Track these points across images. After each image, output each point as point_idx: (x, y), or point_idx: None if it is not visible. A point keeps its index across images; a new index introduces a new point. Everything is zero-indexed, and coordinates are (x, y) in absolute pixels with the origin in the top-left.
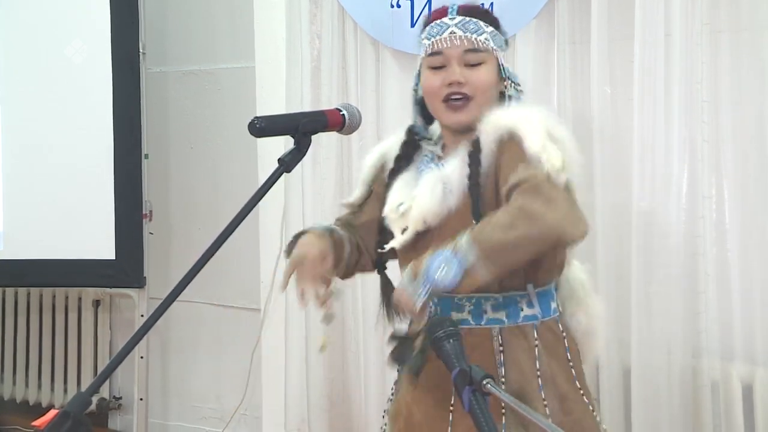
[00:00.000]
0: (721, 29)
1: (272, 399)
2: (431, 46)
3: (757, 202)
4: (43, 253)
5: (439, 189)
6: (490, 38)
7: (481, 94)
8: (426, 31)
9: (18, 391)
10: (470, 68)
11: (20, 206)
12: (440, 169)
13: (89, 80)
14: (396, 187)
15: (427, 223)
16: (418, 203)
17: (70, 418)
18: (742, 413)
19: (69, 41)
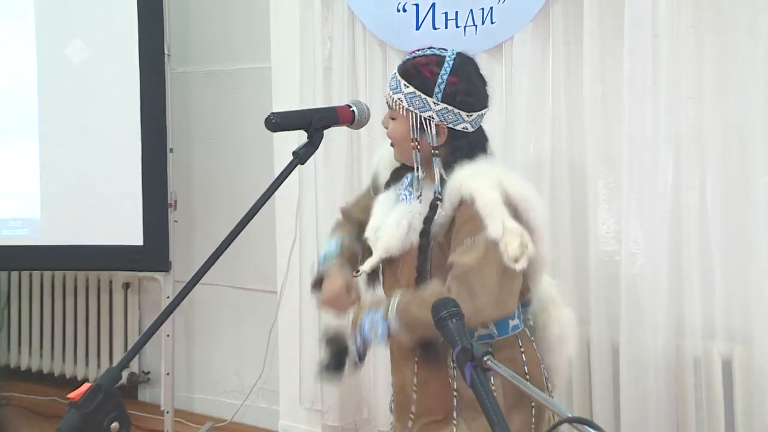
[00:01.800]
0: (704, 31)
1: (288, 374)
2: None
3: (737, 192)
4: (77, 239)
5: (404, 224)
6: (404, 99)
7: (397, 143)
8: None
9: (55, 365)
10: (392, 119)
11: (56, 197)
12: (410, 205)
13: (119, 80)
14: (377, 206)
15: (389, 253)
16: (384, 234)
17: (102, 391)
18: (722, 387)
19: (100, 43)
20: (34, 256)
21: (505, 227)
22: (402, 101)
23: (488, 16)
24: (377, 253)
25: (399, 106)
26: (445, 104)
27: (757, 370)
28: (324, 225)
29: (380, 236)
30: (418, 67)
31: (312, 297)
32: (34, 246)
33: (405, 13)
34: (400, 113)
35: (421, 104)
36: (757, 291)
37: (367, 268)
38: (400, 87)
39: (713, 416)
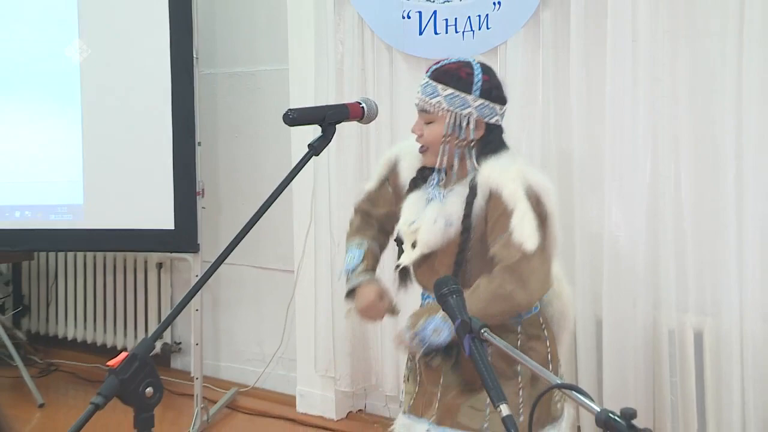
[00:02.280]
0: (679, 36)
1: (304, 345)
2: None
3: (708, 182)
4: (115, 223)
5: (441, 223)
6: (444, 100)
7: (433, 145)
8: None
9: (97, 335)
10: (426, 124)
11: (97, 185)
12: (442, 204)
13: (153, 80)
14: (409, 203)
15: (430, 249)
16: (423, 232)
17: (138, 359)
18: (693, 356)
19: (135, 47)
20: (78, 239)
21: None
22: (442, 103)
23: (484, 22)
24: (419, 248)
25: (439, 108)
26: (483, 99)
27: (725, 340)
28: (336, 211)
29: (419, 232)
30: (452, 71)
31: (346, 305)
32: (78, 230)
33: (409, 20)
34: (439, 115)
35: (461, 102)
36: (725, 269)
37: (407, 262)
38: (437, 91)
39: (685, 381)
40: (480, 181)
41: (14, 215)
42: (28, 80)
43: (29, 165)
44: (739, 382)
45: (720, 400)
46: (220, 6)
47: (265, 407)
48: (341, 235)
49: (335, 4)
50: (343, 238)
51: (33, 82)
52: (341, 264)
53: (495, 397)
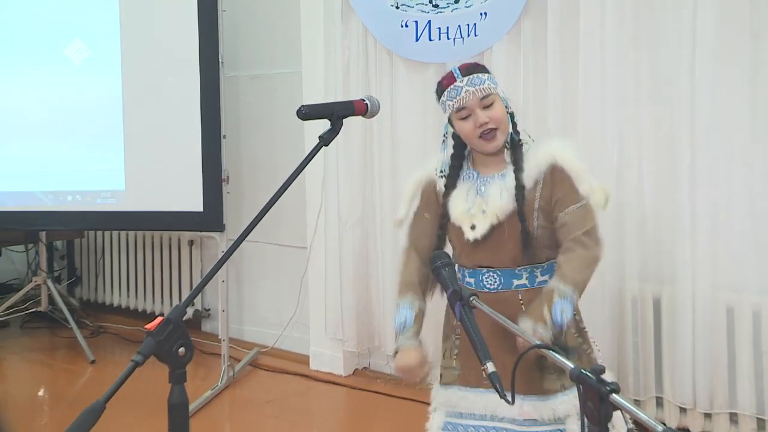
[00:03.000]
0: (641, 45)
1: (316, 311)
2: (456, 104)
3: (666, 171)
4: (152, 206)
5: (505, 194)
6: (490, 82)
7: (502, 124)
8: (446, 95)
9: (138, 302)
10: (487, 109)
11: (137, 173)
12: (502, 180)
13: (184, 82)
14: (455, 201)
15: (500, 218)
16: (492, 204)
17: (172, 323)
18: (652, 320)
19: (168, 53)
20: (120, 220)
21: (592, 185)
22: (491, 85)
23: (472, 30)
24: (486, 221)
25: (491, 89)
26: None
27: (679, 305)
28: (343, 195)
29: (486, 209)
30: (475, 64)
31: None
32: (120, 212)
33: (407, 28)
34: (495, 94)
35: (496, 84)
36: (681, 243)
37: (478, 235)
38: (482, 78)
39: (645, 342)
40: (537, 154)
41: (67, 199)
42: (82, 85)
43: (80, 156)
44: (690, 341)
45: (674, 357)
46: (242, 17)
47: (283, 365)
48: (347, 215)
49: (342, 15)
50: (348, 219)
51: (84, 87)
52: (348, 241)
53: (482, 356)
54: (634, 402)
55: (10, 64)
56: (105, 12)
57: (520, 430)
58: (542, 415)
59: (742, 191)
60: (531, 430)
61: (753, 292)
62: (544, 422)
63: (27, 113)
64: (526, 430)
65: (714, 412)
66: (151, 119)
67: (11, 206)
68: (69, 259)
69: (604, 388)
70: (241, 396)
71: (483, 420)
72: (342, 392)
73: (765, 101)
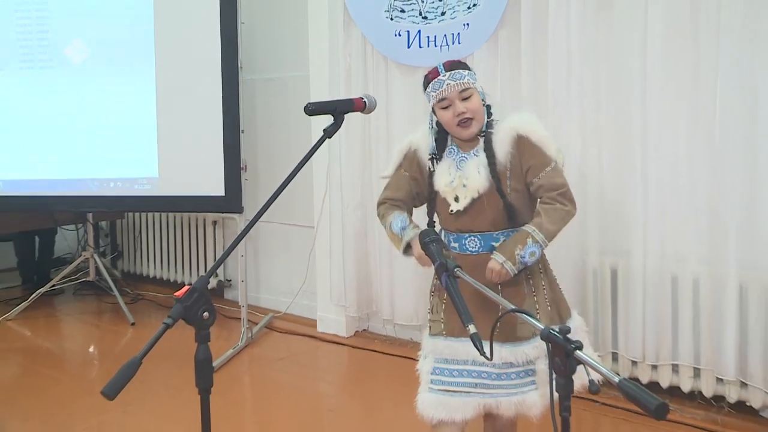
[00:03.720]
0: (602, 53)
1: (322, 281)
2: (438, 95)
3: (621, 159)
4: (182, 191)
5: (483, 170)
6: (469, 77)
7: (477, 114)
8: (430, 87)
9: (170, 273)
10: (465, 100)
11: (168, 163)
12: (477, 157)
13: (208, 84)
14: (440, 172)
15: (480, 192)
16: (471, 180)
17: (197, 291)
18: (610, 288)
19: (197, 61)
20: (155, 203)
21: (554, 148)
22: (470, 80)
23: (456, 38)
24: (468, 195)
25: (470, 83)
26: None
27: (632, 275)
28: (345, 181)
29: (466, 183)
30: (457, 61)
31: (405, 257)
32: (154, 196)
33: (400, 37)
34: (473, 88)
35: (474, 78)
36: (634, 222)
37: (461, 207)
38: (462, 74)
39: (604, 306)
40: (502, 130)
41: (110, 185)
42: (122, 88)
43: (120, 148)
44: (641, 305)
45: (627, 319)
46: (258, 29)
47: (293, 327)
48: (349, 199)
49: (344, 26)
50: (350, 202)
51: (124, 90)
52: (349, 222)
53: (465, 319)
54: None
55: (64, 73)
56: (142, 25)
57: (498, 371)
58: (517, 358)
59: (685, 176)
60: (507, 371)
61: (693, 262)
62: (518, 364)
63: (77, 114)
64: (503, 372)
65: (659, 364)
66: (180, 117)
67: (64, 192)
68: (112, 236)
69: (569, 345)
70: (258, 354)
71: (466, 364)
72: (344, 351)
73: (704, 99)
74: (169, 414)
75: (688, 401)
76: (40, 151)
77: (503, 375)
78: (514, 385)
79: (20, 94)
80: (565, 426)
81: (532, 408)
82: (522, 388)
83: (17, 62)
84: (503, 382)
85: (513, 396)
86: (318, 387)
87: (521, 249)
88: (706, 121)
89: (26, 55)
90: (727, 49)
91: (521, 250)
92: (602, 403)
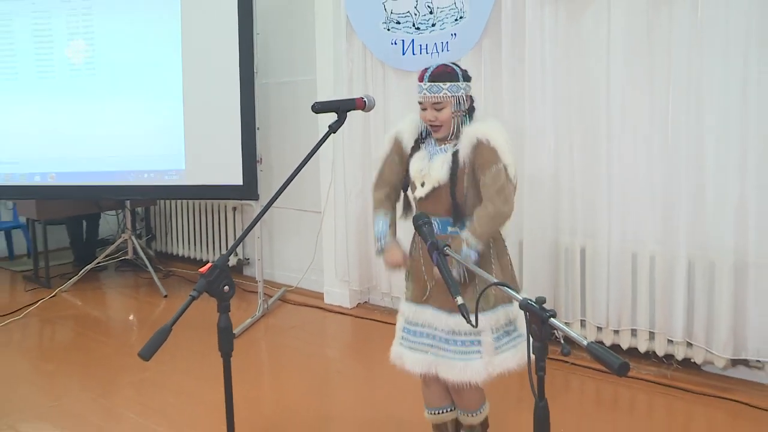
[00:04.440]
0: (572, 57)
1: (328, 259)
2: (418, 98)
3: (588, 150)
4: (206, 181)
5: (446, 165)
6: (447, 91)
7: (445, 123)
8: (417, 87)
9: (196, 253)
10: (438, 111)
11: (194, 157)
12: (445, 153)
13: (228, 88)
14: (415, 160)
15: (440, 184)
16: (434, 172)
17: (218, 267)
18: (579, 264)
19: (217, 66)
20: (182, 192)
21: (502, 151)
22: (447, 94)
23: (445, 47)
24: (429, 184)
25: (445, 98)
26: (464, 81)
27: (598, 253)
28: (348, 172)
29: (431, 174)
30: (442, 71)
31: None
32: (182, 185)
33: (396, 45)
34: (446, 101)
35: (456, 88)
36: (600, 207)
37: (423, 194)
38: (441, 88)
39: (574, 280)
40: (467, 135)
41: (144, 176)
42: (156, 91)
43: (154, 144)
44: (606, 279)
45: (594, 291)
46: (272, 39)
47: (304, 300)
48: (351, 187)
49: (347, 36)
50: (352, 190)
51: (157, 93)
52: (352, 208)
53: (453, 292)
54: (566, 323)
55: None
56: (171, 40)
57: (446, 337)
58: (462, 328)
59: (643, 169)
60: (454, 338)
61: (650, 242)
62: (465, 333)
63: (117, 116)
64: (452, 338)
65: (620, 329)
66: (204, 116)
67: (106, 182)
68: (146, 220)
69: (544, 314)
70: (272, 323)
71: (425, 327)
72: (348, 320)
73: (659, 102)
74: (197, 373)
75: (644, 360)
76: (86, 148)
77: (450, 341)
78: (461, 351)
79: (70, 98)
80: (540, 383)
81: (475, 375)
82: (468, 356)
83: (67, 71)
84: (450, 347)
85: (458, 361)
86: (325, 351)
87: (458, 252)
88: (660, 121)
89: (74, 62)
90: (677, 59)
91: (467, 249)
92: (572, 363)
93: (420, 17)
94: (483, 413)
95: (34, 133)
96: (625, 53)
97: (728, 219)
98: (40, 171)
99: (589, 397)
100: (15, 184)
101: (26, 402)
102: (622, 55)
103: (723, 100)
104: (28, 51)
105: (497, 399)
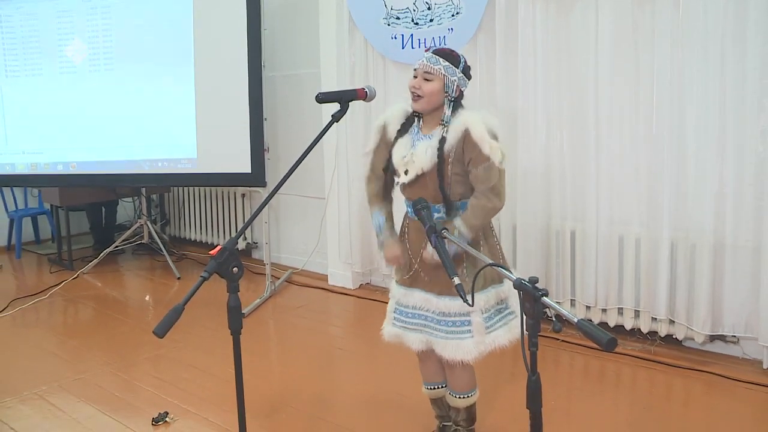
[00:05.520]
0: (562, 51)
1: (332, 243)
2: (414, 65)
3: (578, 138)
4: (216, 169)
5: (430, 152)
6: (443, 68)
7: (427, 96)
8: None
9: (208, 237)
10: (425, 81)
11: (205, 146)
12: (429, 140)
13: (237, 80)
14: (398, 146)
15: (423, 170)
16: (418, 159)
17: (227, 250)
18: (569, 246)
19: (226, 60)
20: (195, 179)
21: (492, 146)
22: (441, 70)
23: (442, 41)
24: (413, 171)
25: (439, 72)
26: (462, 74)
27: (587, 236)
28: (351, 159)
29: (414, 160)
30: (448, 51)
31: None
32: (194, 173)
33: (395, 40)
34: (438, 76)
35: (452, 72)
36: (588, 192)
37: (406, 180)
38: (439, 62)
39: (564, 261)
40: (456, 123)
41: (158, 165)
42: (170, 85)
43: (167, 134)
44: (594, 260)
45: (583, 272)
46: (278, 33)
47: (309, 281)
48: (354, 174)
49: (349, 31)
50: (353, 178)
51: (171, 86)
52: (354, 194)
53: (450, 273)
54: (557, 302)
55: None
56: (183, 35)
57: (437, 318)
58: (451, 310)
59: (629, 156)
60: (444, 319)
61: (635, 225)
62: (455, 314)
63: (133, 107)
64: (442, 319)
65: (608, 308)
66: (215, 107)
67: (123, 170)
68: (161, 206)
69: (537, 293)
70: (279, 303)
71: (414, 309)
72: (351, 300)
73: (643, 92)
74: (208, 349)
75: (630, 336)
76: (104, 138)
77: (441, 321)
78: (452, 332)
79: (89, 91)
80: (533, 358)
81: (467, 354)
82: (459, 335)
83: (87, 65)
84: (442, 327)
85: (450, 340)
86: (329, 330)
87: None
88: (645, 111)
89: (94, 58)
90: (660, 54)
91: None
92: (562, 339)
93: (418, 13)
94: (471, 398)
95: (57, 126)
96: (612, 46)
97: (708, 204)
98: (63, 161)
99: (578, 371)
100: (40, 173)
101: (53, 374)
102: (608, 50)
103: (702, 92)
104: (53, 49)
105: (492, 374)
